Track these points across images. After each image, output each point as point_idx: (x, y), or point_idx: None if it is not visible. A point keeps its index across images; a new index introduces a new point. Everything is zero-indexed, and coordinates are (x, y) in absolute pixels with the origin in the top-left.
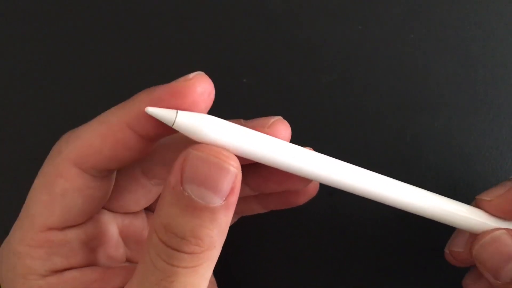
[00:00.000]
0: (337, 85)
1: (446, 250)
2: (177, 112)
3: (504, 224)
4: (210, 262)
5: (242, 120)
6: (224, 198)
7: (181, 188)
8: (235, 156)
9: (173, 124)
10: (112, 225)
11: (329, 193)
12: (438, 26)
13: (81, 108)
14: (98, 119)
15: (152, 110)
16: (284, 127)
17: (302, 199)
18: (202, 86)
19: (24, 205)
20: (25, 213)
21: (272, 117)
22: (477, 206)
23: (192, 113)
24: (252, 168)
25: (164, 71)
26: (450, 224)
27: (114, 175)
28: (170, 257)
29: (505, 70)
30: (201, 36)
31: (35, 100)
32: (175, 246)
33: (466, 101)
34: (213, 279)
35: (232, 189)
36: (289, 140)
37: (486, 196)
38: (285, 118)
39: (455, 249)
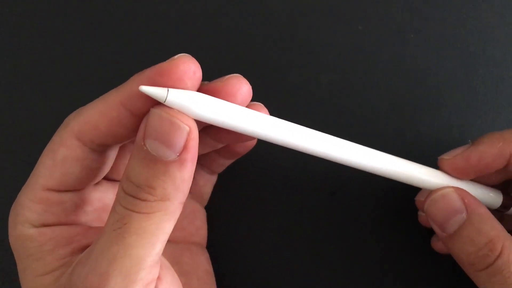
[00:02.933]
0: (337, 85)
1: (420, 213)
2: (168, 90)
3: (458, 183)
4: (164, 213)
5: (206, 82)
6: (177, 154)
7: (143, 142)
8: (189, 117)
9: (164, 100)
10: (109, 193)
11: (330, 193)
12: (438, 26)
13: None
14: (99, 98)
15: (146, 89)
16: (237, 81)
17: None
18: (184, 65)
19: (35, 165)
20: (33, 172)
21: (230, 74)
22: (439, 164)
23: (181, 90)
24: None
25: None
26: (413, 184)
27: (114, 153)
28: (126, 202)
29: (505, 70)
30: (200, 36)
31: (35, 100)
32: (131, 193)
33: (466, 101)
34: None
35: (185, 146)
36: (249, 95)
37: (446, 156)
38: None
39: (419, 199)
